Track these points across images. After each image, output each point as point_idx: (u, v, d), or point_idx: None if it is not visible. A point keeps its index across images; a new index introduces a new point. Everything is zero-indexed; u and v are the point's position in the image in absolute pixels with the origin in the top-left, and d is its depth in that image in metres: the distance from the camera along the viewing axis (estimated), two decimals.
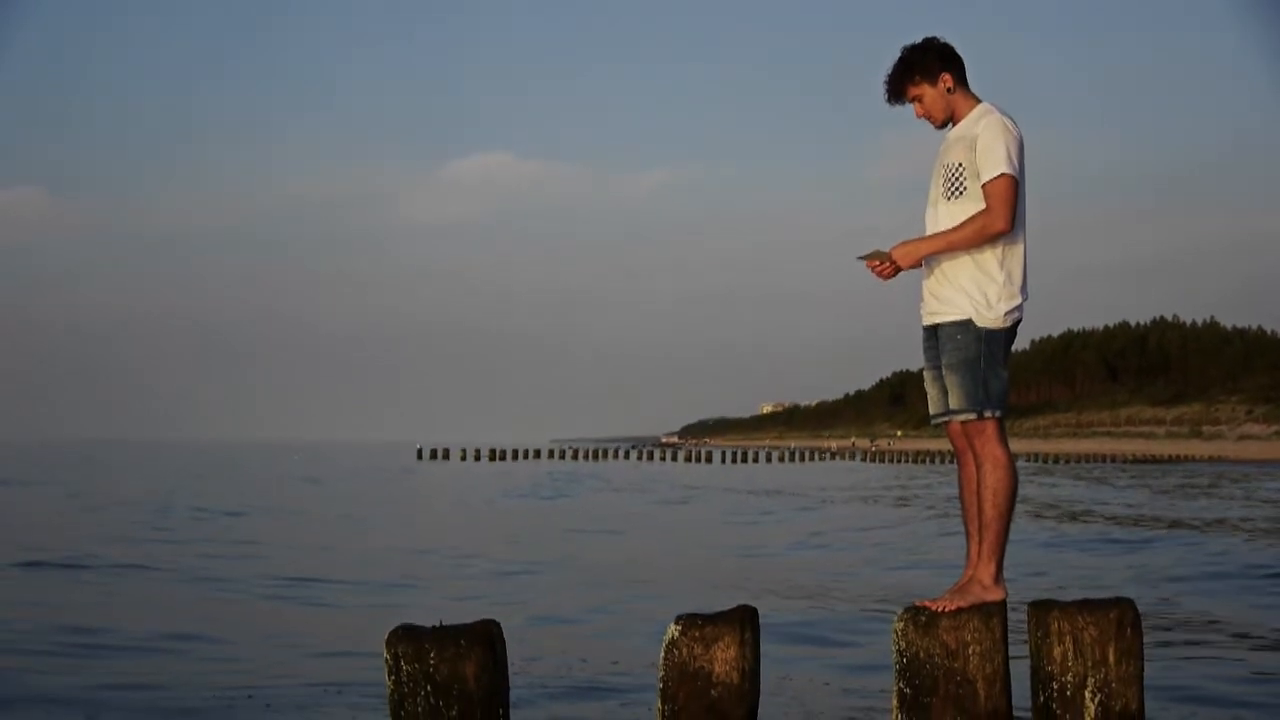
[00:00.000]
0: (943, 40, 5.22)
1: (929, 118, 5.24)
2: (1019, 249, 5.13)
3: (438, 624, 4.40)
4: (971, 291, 5.07)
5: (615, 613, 11.07)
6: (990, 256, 5.07)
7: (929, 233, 5.20)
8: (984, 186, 5.01)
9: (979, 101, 5.20)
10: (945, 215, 5.13)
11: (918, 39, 5.24)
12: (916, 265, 5.19)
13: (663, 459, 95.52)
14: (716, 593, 12.09)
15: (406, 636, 4.32)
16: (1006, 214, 4.98)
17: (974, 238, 5.02)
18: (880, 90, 5.27)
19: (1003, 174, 4.98)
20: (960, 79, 5.20)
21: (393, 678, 4.30)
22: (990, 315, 5.07)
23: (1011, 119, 5.11)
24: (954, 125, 5.22)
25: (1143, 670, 4.70)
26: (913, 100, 5.23)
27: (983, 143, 5.03)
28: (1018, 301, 5.11)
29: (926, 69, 5.17)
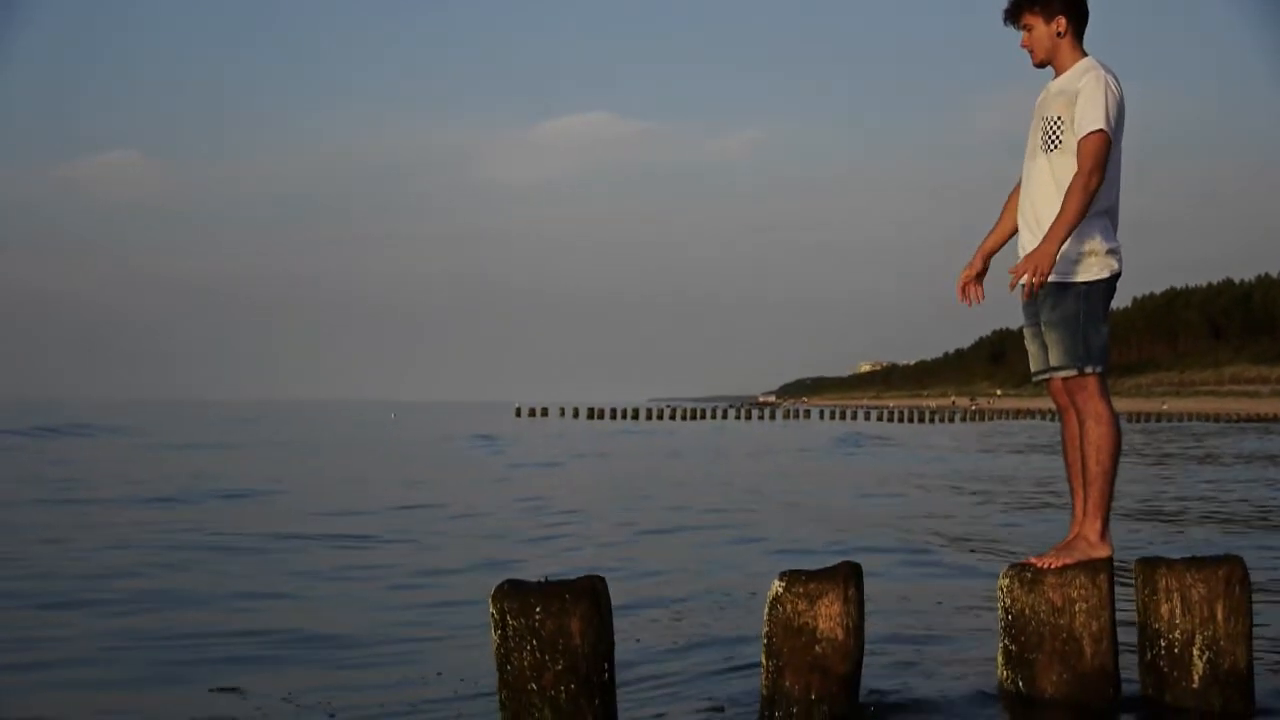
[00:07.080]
0: None
1: (1030, 51, 5.26)
2: (1113, 206, 5.13)
3: (543, 579, 4.45)
4: (1067, 248, 5.03)
5: None
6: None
7: (1025, 183, 5.25)
8: (1079, 141, 4.99)
9: (1085, 56, 5.17)
10: (1044, 166, 5.14)
11: None
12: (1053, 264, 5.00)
13: (760, 418, 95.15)
14: None
15: (512, 592, 4.37)
16: (1099, 171, 4.95)
17: (1082, 205, 4.95)
18: (1001, 7, 5.29)
19: (1099, 130, 4.96)
20: (1076, 30, 5.19)
21: (499, 632, 4.35)
22: (1087, 270, 5.05)
23: (1115, 77, 5.08)
24: (1055, 75, 5.22)
25: (1251, 628, 4.65)
26: (1024, 28, 5.25)
27: (1083, 97, 5.02)
28: (1115, 256, 5.10)
29: (1047, 4, 5.17)
